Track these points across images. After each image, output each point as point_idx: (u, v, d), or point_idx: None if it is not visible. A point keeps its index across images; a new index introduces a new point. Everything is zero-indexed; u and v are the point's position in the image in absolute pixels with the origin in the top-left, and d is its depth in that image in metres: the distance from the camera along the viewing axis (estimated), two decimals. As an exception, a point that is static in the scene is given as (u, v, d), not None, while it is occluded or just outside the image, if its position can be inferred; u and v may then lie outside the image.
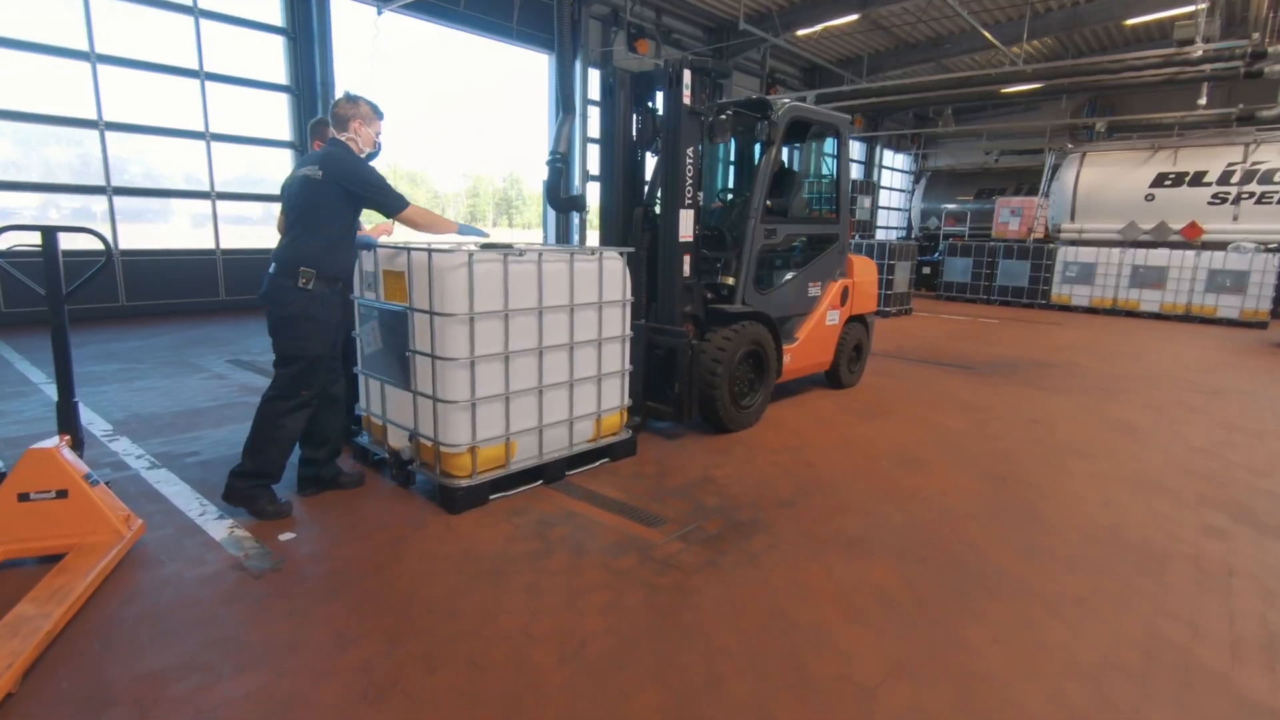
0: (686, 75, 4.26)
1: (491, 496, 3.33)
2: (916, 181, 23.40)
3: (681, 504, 3.39)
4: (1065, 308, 13.01)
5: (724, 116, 5.44)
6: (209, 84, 9.14)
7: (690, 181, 4.32)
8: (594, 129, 14.61)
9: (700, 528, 3.12)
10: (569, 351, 3.58)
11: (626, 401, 4.00)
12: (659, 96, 4.62)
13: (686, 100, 4.24)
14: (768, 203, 4.90)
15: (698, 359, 4.30)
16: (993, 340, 9.13)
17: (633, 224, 4.65)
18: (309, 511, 3.17)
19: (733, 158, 6.23)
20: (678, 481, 3.69)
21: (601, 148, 4.81)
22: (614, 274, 3.76)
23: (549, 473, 3.58)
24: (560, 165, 6.14)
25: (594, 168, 14.76)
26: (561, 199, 6.28)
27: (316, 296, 3.10)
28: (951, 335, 9.48)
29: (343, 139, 3.22)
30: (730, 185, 6.17)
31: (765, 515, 3.28)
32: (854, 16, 14.83)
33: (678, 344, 4.24)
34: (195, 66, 9.00)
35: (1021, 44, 15.33)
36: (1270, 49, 10.71)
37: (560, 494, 3.46)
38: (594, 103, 14.52)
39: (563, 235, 14.75)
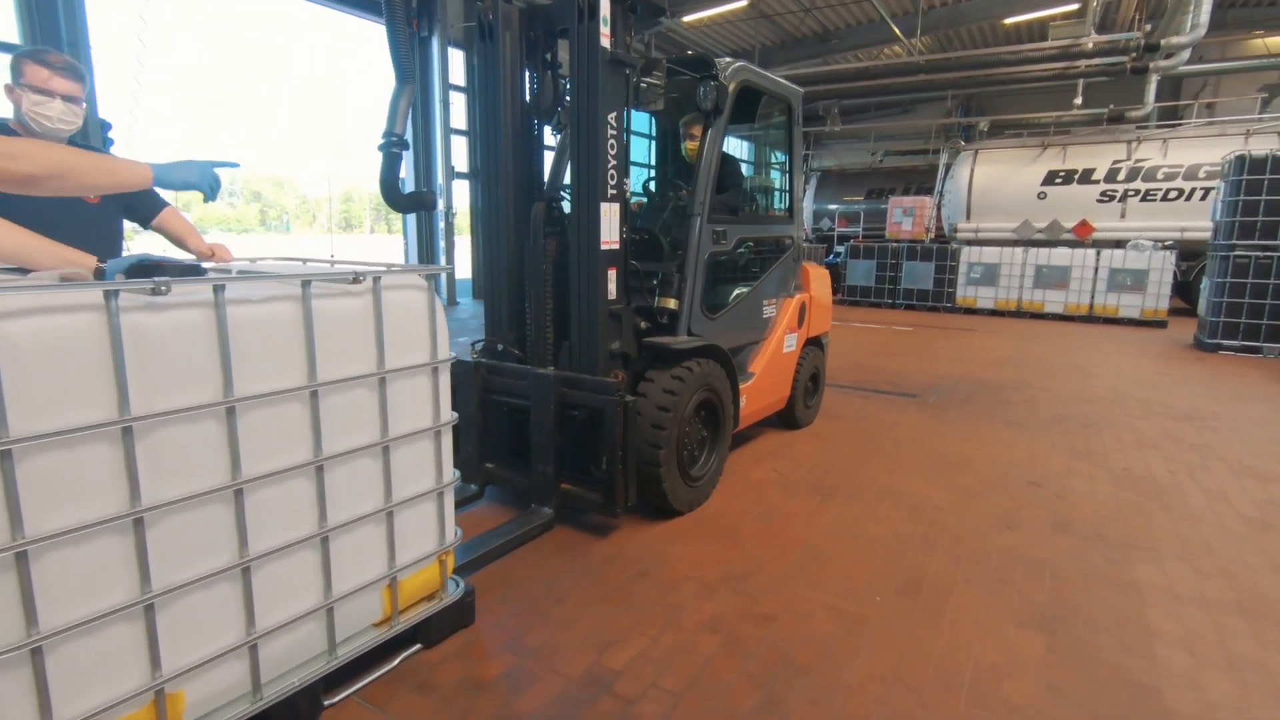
0: (604, 5, 2.82)
1: (122, 825, 1.51)
2: (806, 182, 22.93)
3: (548, 775, 1.71)
4: (971, 310, 12.43)
5: (654, 79, 3.99)
6: (-117, 36, 6.48)
7: (614, 163, 3.01)
8: (458, 119, 12.63)
9: None
10: (315, 477, 1.81)
11: (451, 537, 2.27)
12: (563, 49, 3.22)
13: (605, 42, 2.89)
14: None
15: (634, 421, 2.96)
16: (920, 354, 8.07)
17: (531, 225, 3.30)
18: None
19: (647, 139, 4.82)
20: (542, 697, 2.00)
21: (480, 119, 3.32)
22: (408, 315, 2.03)
23: (284, 716, 1.79)
24: (397, 151, 4.39)
25: (460, 163, 12.77)
26: (402, 196, 4.51)
27: None
28: (873, 349, 8.36)
29: None
30: (649, 176, 4.75)
31: (714, 796, 1.65)
32: (743, 3, 13.74)
33: (605, 402, 2.91)
34: None
35: (916, 38, 14.86)
36: (1163, 41, 10.45)
37: (297, 777, 1.68)
38: (456, 88, 12.54)
39: (426, 245, 12.66)
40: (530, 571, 2.73)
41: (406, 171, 12.30)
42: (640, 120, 4.53)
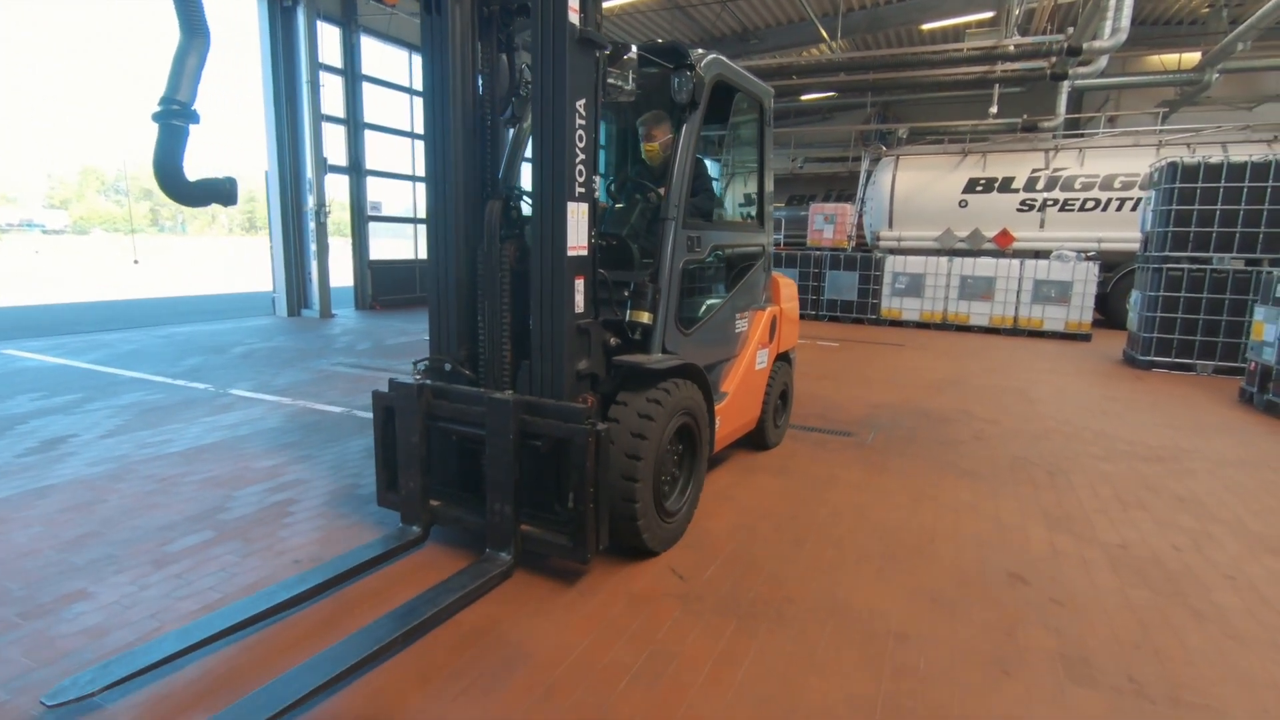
0: None
1: None
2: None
3: None
4: (896, 323, 11.85)
5: (618, 77, 3.28)
6: None
7: (583, 157, 2.65)
8: (331, 105, 11.04)
9: None
10: None
11: None
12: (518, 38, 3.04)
13: (574, 17, 2.53)
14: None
15: (606, 452, 2.54)
16: (850, 376, 7.20)
17: (485, 227, 2.89)
18: None
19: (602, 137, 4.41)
20: None
21: (427, 104, 2.88)
22: None
23: None
24: (181, 124, 3.07)
25: (335, 155, 11.17)
26: (187, 184, 3.17)
27: None
28: (800, 369, 7.42)
29: None
30: (611, 179, 4.25)
31: None
32: (657, -9, 12.79)
33: (573, 431, 2.51)
34: None
35: (836, 40, 14.31)
36: (1085, 45, 10.10)
37: None
38: (328, 68, 10.95)
39: (295, 249, 11.00)
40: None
41: (271, 165, 10.63)
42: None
